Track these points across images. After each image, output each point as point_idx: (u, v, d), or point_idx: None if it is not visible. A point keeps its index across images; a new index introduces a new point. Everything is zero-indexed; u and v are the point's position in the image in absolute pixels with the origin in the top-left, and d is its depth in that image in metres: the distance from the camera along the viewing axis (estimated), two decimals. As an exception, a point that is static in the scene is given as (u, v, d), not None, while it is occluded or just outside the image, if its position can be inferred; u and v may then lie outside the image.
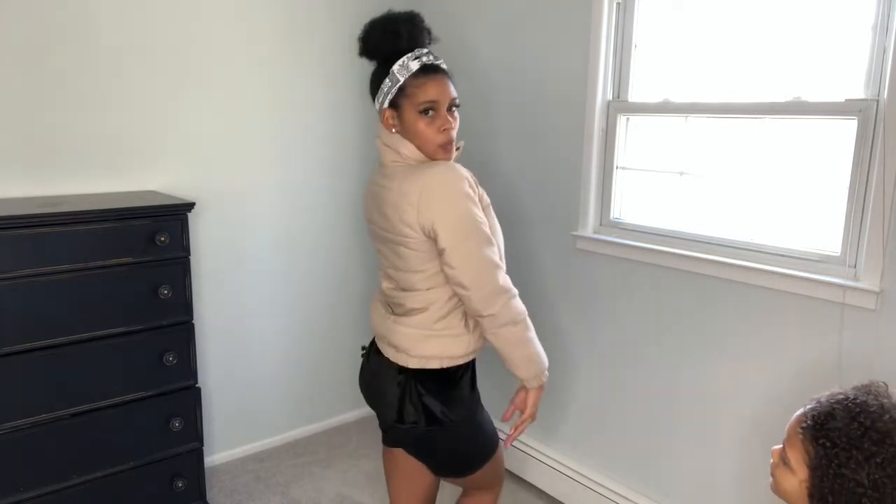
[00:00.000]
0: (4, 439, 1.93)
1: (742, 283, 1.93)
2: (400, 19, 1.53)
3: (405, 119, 1.51)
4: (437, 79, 1.50)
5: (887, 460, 0.95)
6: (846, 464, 0.97)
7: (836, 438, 0.99)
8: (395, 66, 1.50)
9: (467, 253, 1.45)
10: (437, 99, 1.49)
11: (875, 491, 0.95)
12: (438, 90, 1.49)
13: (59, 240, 1.94)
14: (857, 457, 0.96)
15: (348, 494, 2.62)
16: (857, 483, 0.96)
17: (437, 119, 1.50)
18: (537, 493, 2.61)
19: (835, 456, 0.98)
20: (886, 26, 1.64)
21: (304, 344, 3.01)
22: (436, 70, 1.51)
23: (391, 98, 1.52)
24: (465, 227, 1.45)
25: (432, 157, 1.53)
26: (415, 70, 1.49)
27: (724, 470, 2.05)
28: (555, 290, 2.51)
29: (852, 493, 0.96)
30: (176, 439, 2.23)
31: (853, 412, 1.00)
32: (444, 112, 1.51)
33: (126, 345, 2.10)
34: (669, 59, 2.16)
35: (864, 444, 0.96)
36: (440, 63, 1.54)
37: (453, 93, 1.52)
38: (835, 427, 1.00)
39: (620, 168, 2.31)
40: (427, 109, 1.49)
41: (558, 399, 2.55)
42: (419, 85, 1.49)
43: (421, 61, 1.50)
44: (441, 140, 1.51)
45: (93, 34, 2.28)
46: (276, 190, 2.79)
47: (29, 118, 2.20)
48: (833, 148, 1.79)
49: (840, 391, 1.06)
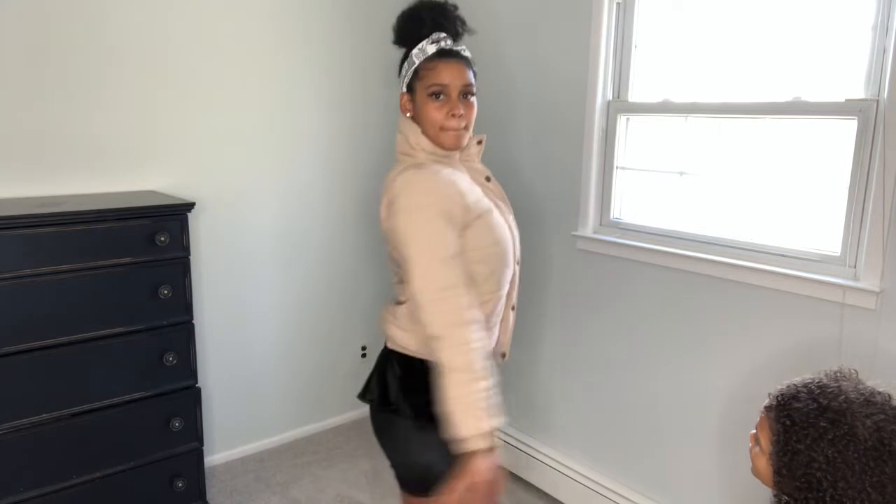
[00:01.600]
0: (4, 439, 1.93)
1: (742, 283, 1.94)
2: (425, 6, 1.51)
3: (417, 102, 1.50)
4: (452, 63, 1.47)
5: (838, 437, 0.99)
6: (802, 440, 1.02)
7: (796, 417, 1.04)
8: (414, 49, 1.49)
9: (411, 268, 1.37)
10: (448, 83, 1.46)
11: (830, 467, 0.99)
12: (451, 74, 1.46)
13: (58, 240, 1.94)
14: (813, 434, 1.01)
15: (348, 494, 2.62)
16: (811, 459, 1.00)
17: (447, 103, 1.47)
18: (537, 492, 2.61)
19: (793, 433, 1.03)
20: (886, 26, 1.64)
21: (304, 344, 3.01)
22: (452, 54, 1.48)
23: (407, 81, 1.51)
24: (412, 241, 1.38)
25: (436, 142, 1.49)
26: (430, 53, 1.47)
27: (724, 470, 2.05)
28: (555, 289, 2.51)
29: (807, 468, 1.01)
30: (176, 439, 2.23)
31: (814, 393, 1.05)
32: (456, 97, 1.47)
33: (126, 345, 2.10)
34: (669, 59, 2.16)
35: (819, 423, 1.01)
36: (460, 49, 1.51)
37: (468, 79, 1.49)
38: (796, 407, 1.05)
39: (620, 168, 2.31)
40: (437, 93, 1.46)
41: (558, 398, 2.55)
42: (431, 67, 1.46)
43: (438, 45, 1.47)
44: (449, 124, 1.47)
45: (93, 34, 2.28)
46: (275, 190, 2.79)
47: (29, 118, 2.20)
48: (833, 148, 1.79)
49: (811, 376, 1.10)
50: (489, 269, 1.47)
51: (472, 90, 1.50)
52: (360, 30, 2.94)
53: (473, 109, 1.52)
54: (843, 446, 0.99)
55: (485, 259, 1.46)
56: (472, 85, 1.50)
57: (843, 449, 0.99)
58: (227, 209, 2.67)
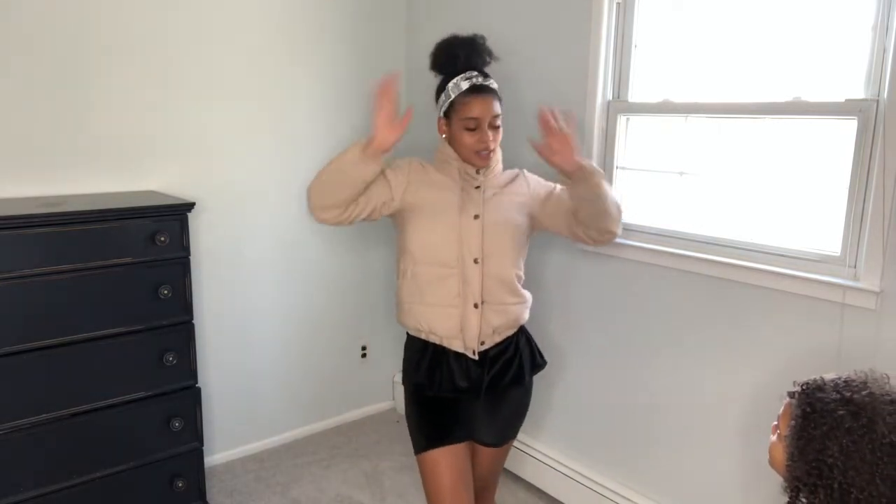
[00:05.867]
0: (4, 439, 1.93)
1: (742, 283, 1.93)
2: (458, 44, 1.76)
3: (453, 128, 1.76)
4: (483, 98, 1.71)
5: (855, 428, 1.00)
6: (819, 426, 1.03)
7: (817, 405, 1.05)
8: (450, 83, 1.74)
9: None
10: (480, 116, 1.71)
11: (843, 456, 1.00)
12: (482, 108, 1.71)
13: (59, 240, 1.94)
14: (830, 422, 1.02)
15: (348, 494, 2.62)
16: (825, 446, 1.01)
17: (478, 133, 1.72)
18: (537, 492, 2.61)
19: (812, 419, 1.04)
20: (886, 26, 1.64)
21: (304, 344, 3.01)
22: (483, 90, 1.72)
23: (444, 109, 1.76)
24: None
25: (469, 161, 1.76)
26: (464, 89, 1.71)
27: (724, 469, 2.05)
28: (555, 289, 2.51)
29: (819, 454, 1.02)
30: (176, 439, 2.23)
31: (839, 386, 1.06)
32: (486, 127, 1.72)
33: (126, 345, 2.10)
34: (669, 59, 2.16)
35: (839, 412, 1.02)
36: (489, 84, 1.75)
37: (496, 110, 1.74)
38: (819, 397, 1.06)
39: (620, 168, 2.31)
40: (470, 127, 1.72)
41: (560, 398, 2.55)
42: (466, 103, 1.71)
43: (471, 82, 1.72)
44: (477, 148, 1.73)
45: (93, 34, 2.28)
46: (276, 190, 2.79)
47: (29, 118, 2.20)
48: (833, 148, 1.79)
49: (842, 373, 1.11)
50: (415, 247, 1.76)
51: (499, 121, 1.76)
52: (361, 31, 2.94)
53: (500, 134, 1.78)
54: (859, 436, 0.99)
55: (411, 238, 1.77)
56: (499, 116, 1.75)
57: (859, 440, 0.99)
58: (227, 209, 2.67)
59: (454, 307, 1.75)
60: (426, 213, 1.77)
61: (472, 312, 1.75)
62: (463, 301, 1.75)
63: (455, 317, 1.76)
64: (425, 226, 1.77)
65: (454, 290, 1.75)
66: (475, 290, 1.75)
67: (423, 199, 1.77)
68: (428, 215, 1.76)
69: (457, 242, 1.75)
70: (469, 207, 1.76)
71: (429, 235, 1.76)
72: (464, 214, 1.76)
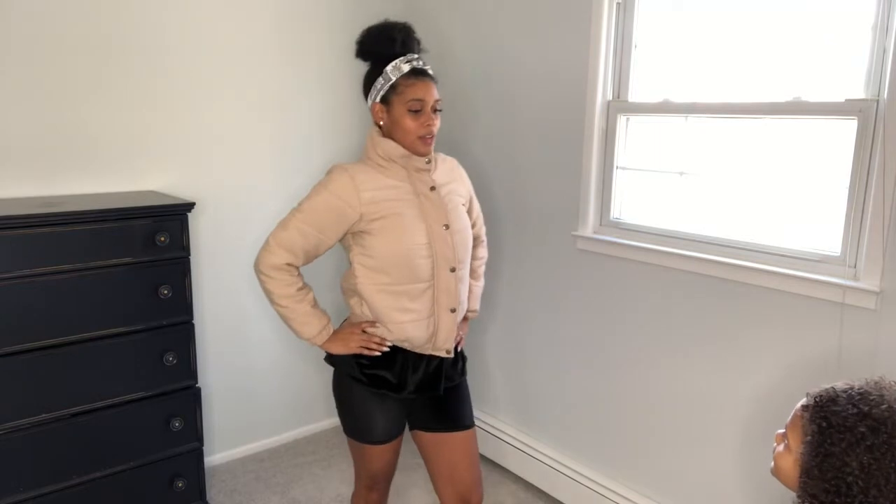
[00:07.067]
0: (4, 439, 1.93)
1: (742, 283, 1.94)
2: (396, 27, 1.73)
3: (393, 114, 1.70)
4: (425, 81, 1.69)
5: (877, 445, 0.97)
6: (838, 443, 1.00)
7: (833, 419, 1.02)
8: (388, 66, 1.69)
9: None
10: (424, 98, 1.68)
11: (863, 473, 0.97)
12: (426, 91, 1.68)
13: (59, 240, 1.94)
14: (850, 439, 0.99)
15: (348, 494, 2.61)
16: (844, 464, 0.99)
17: (421, 116, 1.68)
18: (537, 492, 2.62)
19: (829, 435, 1.01)
20: (886, 26, 1.64)
21: (304, 344, 3.00)
22: (424, 74, 1.70)
23: (382, 94, 1.71)
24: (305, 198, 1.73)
25: (412, 149, 1.70)
26: (406, 71, 1.68)
27: (724, 469, 2.05)
28: (555, 289, 2.51)
29: (838, 472, 0.99)
30: (176, 439, 2.23)
31: (854, 399, 1.02)
32: (429, 111, 1.69)
33: (126, 345, 2.10)
34: (669, 59, 2.16)
35: (858, 428, 0.99)
36: (428, 69, 1.72)
37: (437, 95, 1.71)
38: (834, 410, 1.02)
39: (620, 168, 2.31)
40: (415, 109, 1.67)
41: (560, 398, 2.55)
42: (409, 84, 1.67)
43: (412, 64, 1.69)
44: (422, 132, 1.69)
45: (93, 35, 2.28)
46: (275, 190, 2.79)
47: (29, 118, 2.20)
48: (833, 148, 1.79)
49: (851, 382, 1.08)
50: (387, 265, 1.69)
51: (439, 106, 1.73)
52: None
53: (439, 121, 1.74)
54: (881, 454, 0.97)
55: (381, 255, 1.68)
56: (439, 101, 1.72)
57: (881, 457, 0.97)
58: (227, 209, 2.67)
59: (431, 316, 1.73)
60: (390, 228, 1.67)
61: (448, 317, 1.74)
62: (439, 308, 1.73)
63: (432, 325, 1.73)
64: (393, 241, 1.68)
65: (429, 303, 1.72)
66: (453, 297, 1.74)
67: (380, 214, 1.67)
68: (394, 230, 1.67)
69: (430, 257, 1.69)
70: (432, 213, 1.70)
71: (400, 249, 1.68)
72: (432, 223, 1.70)
